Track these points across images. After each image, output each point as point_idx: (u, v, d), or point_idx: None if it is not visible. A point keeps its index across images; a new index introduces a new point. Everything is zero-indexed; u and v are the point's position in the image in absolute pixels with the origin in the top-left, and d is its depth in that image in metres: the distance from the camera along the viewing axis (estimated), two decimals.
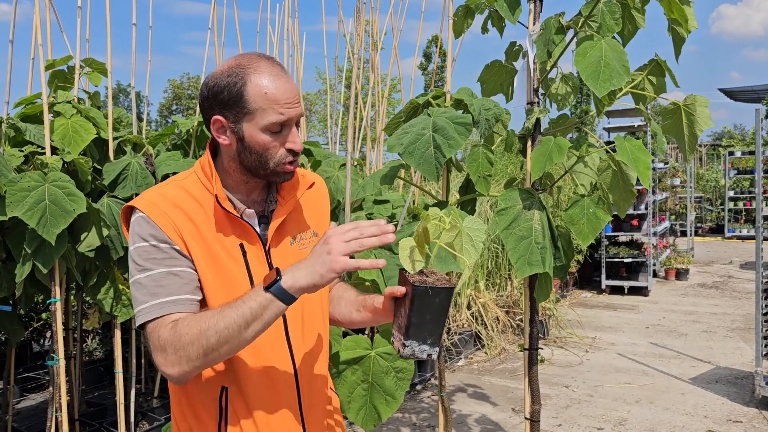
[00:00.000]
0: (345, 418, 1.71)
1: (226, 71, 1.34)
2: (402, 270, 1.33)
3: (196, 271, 1.34)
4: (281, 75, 1.34)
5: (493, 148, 2.50)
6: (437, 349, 1.32)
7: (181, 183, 1.41)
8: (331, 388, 1.62)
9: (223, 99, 1.33)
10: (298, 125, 1.38)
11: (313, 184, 1.51)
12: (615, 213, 2.36)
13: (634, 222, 9.17)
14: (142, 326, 1.29)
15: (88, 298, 4.14)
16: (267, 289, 1.21)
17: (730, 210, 16.14)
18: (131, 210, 1.36)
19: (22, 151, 2.91)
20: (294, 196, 1.46)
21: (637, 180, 2.21)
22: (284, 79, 1.34)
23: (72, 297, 3.98)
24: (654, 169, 9.63)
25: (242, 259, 1.38)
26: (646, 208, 8.99)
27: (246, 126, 1.33)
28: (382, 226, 1.24)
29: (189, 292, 1.31)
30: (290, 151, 1.36)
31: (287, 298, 1.21)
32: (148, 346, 1.30)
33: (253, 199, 1.45)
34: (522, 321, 6.58)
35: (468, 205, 2.70)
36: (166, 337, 1.24)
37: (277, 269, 1.24)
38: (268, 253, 1.41)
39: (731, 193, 15.91)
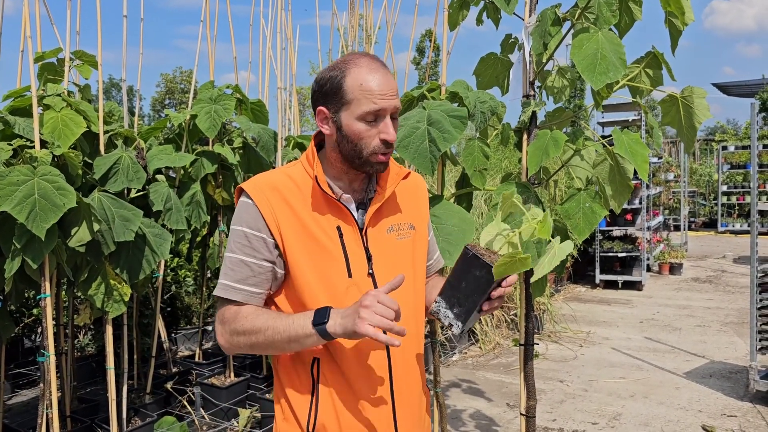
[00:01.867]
0: None
1: (330, 67, 1.47)
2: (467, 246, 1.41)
3: (278, 260, 1.46)
4: (378, 69, 1.44)
5: (488, 141, 2.48)
6: (461, 324, 1.38)
7: (287, 170, 1.53)
8: (425, 384, 1.66)
9: (326, 91, 1.45)
10: (394, 119, 1.45)
11: (408, 174, 1.60)
12: (611, 207, 2.34)
13: (628, 216, 9.18)
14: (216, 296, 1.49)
15: (79, 294, 4.10)
16: (315, 325, 1.35)
17: (723, 204, 16.18)
18: (241, 191, 1.51)
19: (10, 144, 2.86)
20: (390, 186, 1.54)
21: (634, 174, 2.19)
22: (381, 73, 1.43)
23: (63, 292, 3.95)
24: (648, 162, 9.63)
25: (338, 239, 1.47)
26: (640, 203, 8.99)
27: (344, 115, 1.43)
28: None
29: (252, 285, 1.45)
30: (384, 142, 1.43)
31: (327, 336, 1.35)
32: (216, 311, 1.52)
33: (353, 188, 1.54)
34: (516, 315, 6.58)
35: (464, 200, 2.68)
36: (228, 318, 1.45)
37: (329, 309, 1.36)
38: (364, 237, 1.49)
39: (724, 188, 15.96)
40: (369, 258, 1.49)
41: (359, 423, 1.46)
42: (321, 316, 1.35)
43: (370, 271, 1.48)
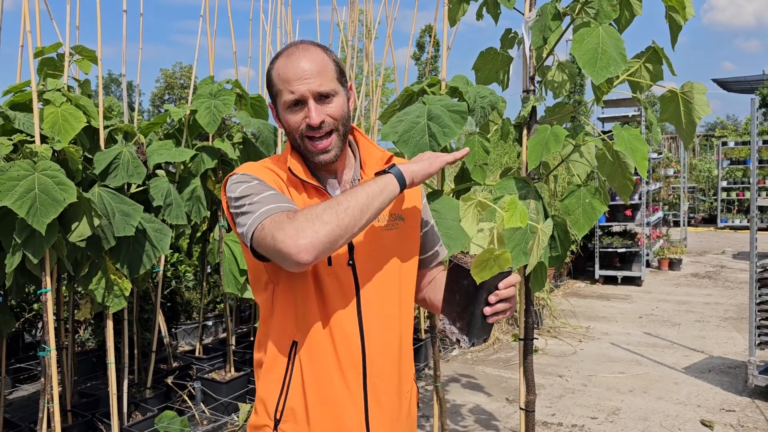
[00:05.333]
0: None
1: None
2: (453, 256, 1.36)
3: None
4: (295, 53, 1.39)
5: (488, 136, 2.48)
6: (466, 338, 1.32)
7: (269, 164, 1.49)
8: (413, 378, 1.61)
9: (267, 86, 1.45)
10: (323, 98, 1.39)
11: (391, 157, 1.52)
12: (609, 203, 2.34)
13: (628, 212, 9.18)
14: (252, 235, 1.29)
15: (79, 289, 4.11)
16: (387, 170, 1.36)
17: (722, 200, 16.18)
18: (231, 175, 1.43)
19: (11, 139, 2.86)
20: (373, 172, 1.47)
21: (634, 169, 2.19)
22: (297, 56, 1.38)
23: (64, 287, 3.95)
24: (648, 159, 9.64)
25: None
26: (640, 198, 9.00)
27: (279, 107, 1.43)
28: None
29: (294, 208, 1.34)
30: (308, 126, 1.39)
31: (402, 180, 1.35)
32: (264, 240, 1.27)
33: (338, 178, 1.50)
34: (516, 311, 6.58)
35: (463, 194, 2.68)
36: (286, 217, 1.25)
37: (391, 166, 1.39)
38: None
39: (724, 184, 15.96)
40: (351, 247, 1.43)
41: (327, 410, 1.42)
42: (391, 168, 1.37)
43: (351, 261, 1.43)
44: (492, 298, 1.30)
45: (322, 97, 1.38)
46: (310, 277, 1.41)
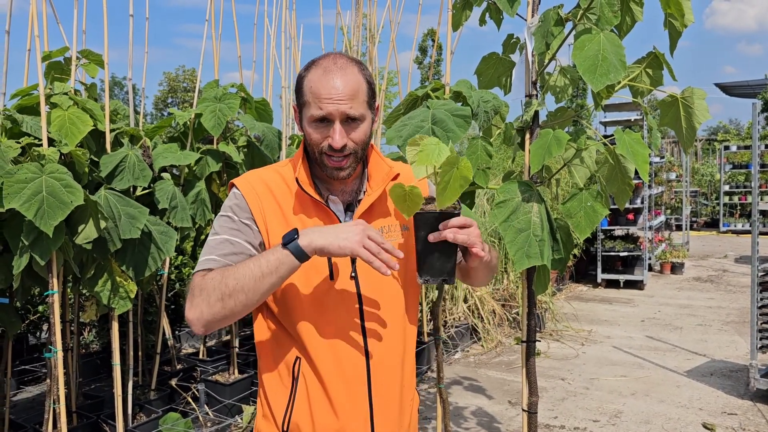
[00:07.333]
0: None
1: (304, 65, 1.45)
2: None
3: (260, 246, 1.43)
4: (332, 71, 1.38)
5: (491, 140, 2.50)
6: (418, 274, 1.40)
7: (279, 169, 1.52)
8: (414, 386, 1.62)
9: (295, 90, 1.45)
10: (350, 122, 1.39)
11: (397, 175, 1.53)
12: (611, 207, 2.36)
13: (630, 216, 9.19)
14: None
15: (85, 291, 4.14)
16: (284, 246, 1.29)
17: (725, 204, 16.18)
18: (232, 185, 1.50)
19: (18, 142, 2.89)
20: (379, 186, 1.50)
21: (635, 173, 2.21)
22: (332, 75, 1.37)
23: (69, 289, 3.98)
24: (650, 163, 9.65)
25: None
26: (642, 202, 9.01)
27: (303, 117, 1.42)
28: (391, 260, 1.30)
29: (233, 262, 1.39)
30: (330, 147, 1.39)
31: (301, 255, 1.29)
32: None
33: (342, 189, 1.51)
34: (518, 314, 6.60)
35: (466, 198, 2.70)
36: (197, 282, 1.35)
37: (295, 229, 1.31)
38: None
39: (726, 188, 15.96)
40: (353, 260, 1.45)
41: (333, 425, 1.43)
42: (289, 236, 1.30)
43: (353, 273, 1.44)
44: (432, 238, 1.34)
45: (349, 120, 1.38)
46: (307, 293, 1.42)
